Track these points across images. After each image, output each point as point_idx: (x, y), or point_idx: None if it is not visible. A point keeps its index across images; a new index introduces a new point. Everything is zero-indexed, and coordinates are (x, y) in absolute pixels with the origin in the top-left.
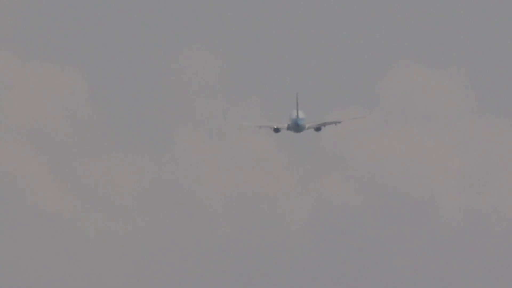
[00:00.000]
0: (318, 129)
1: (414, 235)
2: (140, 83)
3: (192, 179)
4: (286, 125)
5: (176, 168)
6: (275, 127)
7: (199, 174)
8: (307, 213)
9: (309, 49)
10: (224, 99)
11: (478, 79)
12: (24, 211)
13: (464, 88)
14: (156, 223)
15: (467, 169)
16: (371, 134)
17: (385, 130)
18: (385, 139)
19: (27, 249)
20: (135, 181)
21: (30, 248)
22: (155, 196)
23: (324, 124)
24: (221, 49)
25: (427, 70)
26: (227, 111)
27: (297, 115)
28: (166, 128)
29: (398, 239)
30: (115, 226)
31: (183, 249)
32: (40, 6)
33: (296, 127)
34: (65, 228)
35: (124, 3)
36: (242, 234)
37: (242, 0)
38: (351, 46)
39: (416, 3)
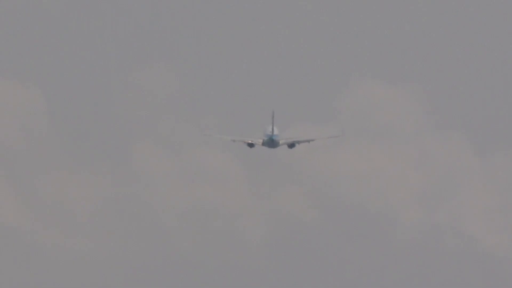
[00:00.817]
0: (291, 146)
1: (374, 250)
2: (101, 99)
3: (156, 194)
4: (261, 141)
5: (138, 184)
6: (249, 141)
7: (162, 190)
8: (267, 229)
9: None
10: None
11: (436, 95)
12: None
13: (423, 104)
14: (114, 238)
15: (425, 184)
16: (331, 149)
17: (345, 145)
18: (345, 154)
19: None
20: (93, 196)
21: None
22: (113, 211)
23: (298, 142)
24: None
25: (385, 85)
26: (203, 126)
27: (272, 131)
28: (129, 144)
29: (358, 254)
30: (72, 242)
31: (141, 265)
32: None
33: (270, 143)
34: (22, 243)
35: (85, 19)
36: (200, 249)
37: (217, 15)
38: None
39: (376, 19)
